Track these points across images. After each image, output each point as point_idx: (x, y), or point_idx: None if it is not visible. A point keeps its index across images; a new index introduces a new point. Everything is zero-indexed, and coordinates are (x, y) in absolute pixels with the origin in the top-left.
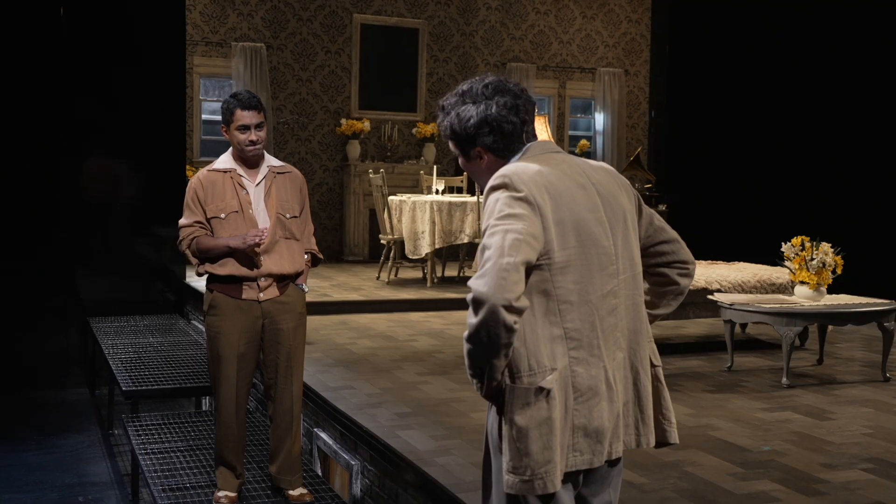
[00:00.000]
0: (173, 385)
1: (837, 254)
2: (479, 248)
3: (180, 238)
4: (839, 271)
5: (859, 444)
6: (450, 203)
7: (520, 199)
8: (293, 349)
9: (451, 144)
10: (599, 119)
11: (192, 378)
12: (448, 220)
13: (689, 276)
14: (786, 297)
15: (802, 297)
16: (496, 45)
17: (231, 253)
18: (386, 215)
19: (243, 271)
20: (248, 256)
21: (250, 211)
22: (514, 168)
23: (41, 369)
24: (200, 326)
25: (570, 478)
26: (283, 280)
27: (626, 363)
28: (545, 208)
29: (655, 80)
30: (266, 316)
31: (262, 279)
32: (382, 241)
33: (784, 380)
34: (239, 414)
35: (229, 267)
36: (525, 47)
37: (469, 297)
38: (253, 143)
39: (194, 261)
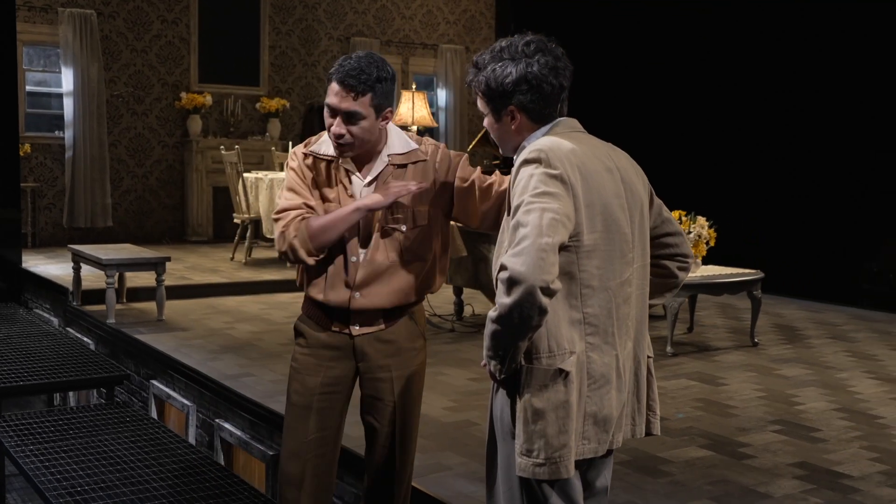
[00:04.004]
0: (41, 380)
1: (711, 227)
2: (512, 224)
3: (282, 227)
4: (712, 244)
5: (760, 408)
6: None
7: (555, 176)
8: (400, 410)
9: (479, 103)
10: (442, 95)
11: (57, 372)
12: None
13: (687, 270)
14: None
15: None
16: (339, 18)
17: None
18: (241, 194)
19: (330, 296)
20: (345, 271)
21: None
22: (550, 143)
23: None
24: (46, 315)
25: (577, 464)
26: (393, 312)
27: (632, 353)
28: (577, 189)
29: None
30: (362, 359)
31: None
32: (237, 221)
33: (668, 348)
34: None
35: (316, 287)
36: (368, 22)
37: (503, 275)
38: (338, 137)
39: (309, 258)
